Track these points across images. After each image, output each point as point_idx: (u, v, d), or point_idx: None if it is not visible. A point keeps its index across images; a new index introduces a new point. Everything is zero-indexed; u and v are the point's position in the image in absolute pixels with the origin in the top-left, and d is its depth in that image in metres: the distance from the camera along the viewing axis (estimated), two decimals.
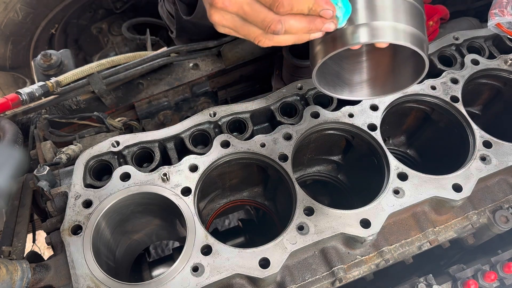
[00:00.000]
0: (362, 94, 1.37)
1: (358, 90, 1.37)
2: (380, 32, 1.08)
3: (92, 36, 3.72)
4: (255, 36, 1.10)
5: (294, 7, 1.03)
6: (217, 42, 2.20)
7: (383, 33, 1.08)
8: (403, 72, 1.31)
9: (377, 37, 1.08)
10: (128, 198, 1.44)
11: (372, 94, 1.36)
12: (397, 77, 1.32)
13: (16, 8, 3.01)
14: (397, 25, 1.08)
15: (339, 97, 1.36)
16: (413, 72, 1.25)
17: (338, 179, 2.02)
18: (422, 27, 1.13)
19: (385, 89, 1.34)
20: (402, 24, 1.08)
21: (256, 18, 1.05)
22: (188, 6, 1.99)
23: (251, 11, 1.05)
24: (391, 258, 1.48)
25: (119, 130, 2.01)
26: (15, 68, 3.37)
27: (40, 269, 1.35)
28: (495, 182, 1.63)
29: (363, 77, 1.37)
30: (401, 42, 1.08)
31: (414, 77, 1.25)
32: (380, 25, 1.08)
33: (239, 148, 1.53)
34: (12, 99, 1.86)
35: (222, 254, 1.32)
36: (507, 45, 1.85)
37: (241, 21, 1.09)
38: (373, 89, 1.36)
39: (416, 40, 1.10)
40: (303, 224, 1.38)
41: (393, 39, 1.08)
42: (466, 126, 1.62)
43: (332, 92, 1.33)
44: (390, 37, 1.08)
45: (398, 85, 1.31)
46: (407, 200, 1.44)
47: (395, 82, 1.32)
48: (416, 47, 1.09)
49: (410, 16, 1.10)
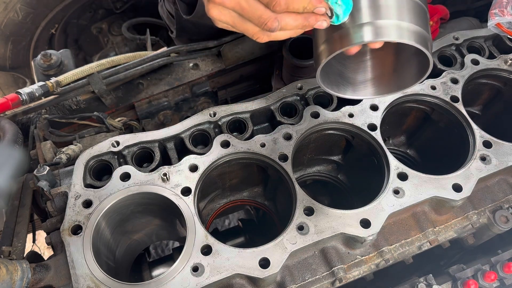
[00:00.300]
0: (366, 93, 1.36)
1: (362, 89, 1.36)
2: (384, 31, 1.07)
3: (92, 36, 3.72)
4: (253, 32, 1.12)
5: (290, 6, 1.05)
6: (217, 42, 2.20)
7: (387, 31, 1.07)
8: (407, 71, 1.30)
9: (381, 36, 1.07)
10: (128, 198, 1.44)
11: (376, 93, 1.35)
12: (401, 76, 1.32)
13: (16, 8, 3.00)
14: (401, 23, 1.07)
15: (342, 96, 1.35)
16: (417, 71, 1.25)
17: (338, 179, 2.02)
18: (426, 25, 1.12)
19: (389, 88, 1.34)
20: (406, 23, 1.07)
21: (253, 15, 1.07)
22: (188, 5, 1.99)
23: (248, 8, 1.06)
24: (391, 258, 1.48)
25: (119, 130, 2.01)
26: (15, 68, 3.37)
27: (40, 269, 1.35)
28: (495, 182, 1.63)
29: (367, 76, 1.37)
30: (405, 40, 1.07)
31: (418, 76, 1.24)
32: (384, 24, 1.07)
33: (239, 148, 1.53)
34: (12, 99, 1.86)
35: (222, 254, 1.32)
36: (507, 45, 1.85)
37: (238, 17, 1.10)
38: (377, 88, 1.35)
39: (421, 38, 1.09)
40: (303, 224, 1.38)
41: (397, 38, 1.07)
42: (466, 126, 1.62)
43: (336, 91, 1.32)
44: (394, 35, 1.07)
45: (402, 84, 1.31)
46: (407, 200, 1.44)
47: (399, 81, 1.32)
48: (420, 45, 1.08)
49: (414, 15, 1.09)
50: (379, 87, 1.35)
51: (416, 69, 1.25)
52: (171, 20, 2.18)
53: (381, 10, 1.08)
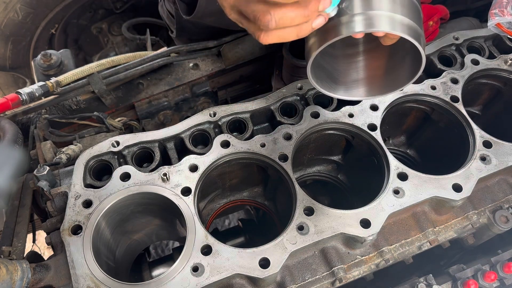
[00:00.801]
0: (358, 94, 1.34)
1: (354, 90, 1.34)
2: (376, 21, 1.04)
3: (92, 36, 3.72)
4: (253, 31, 1.05)
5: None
6: (217, 42, 2.20)
7: (379, 22, 1.04)
8: (399, 70, 1.29)
9: (373, 26, 1.04)
10: (128, 198, 1.44)
11: (369, 94, 1.33)
12: (394, 76, 1.30)
13: (16, 8, 3.01)
14: (394, 15, 1.04)
15: (333, 96, 1.33)
16: (410, 70, 1.23)
17: (338, 179, 2.02)
18: (419, 21, 1.10)
19: (382, 89, 1.32)
20: (399, 15, 1.04)
21: (248, 10, 1.01)
22: (188, 5, 1.99)
23: (245, 3, 1.01)
24: (391, 258, 1.48)
25: (119, 130, 2.01)
26: (15, 68, 3.38)
27: (40, 269, 1.35)
28: (495, 182, 1.63)
29: (359, 76, 1.35)
30: (397, 32, 1.04)
31: (411, 75, 1.22)
32: (377, 14, 1.04)
33: (239, 148, 1.53)
34: (12, 99, 1.86)
35: (222, 254, 1.32)
36: (507, 45, 1.85)
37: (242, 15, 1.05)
38: (369, 88, 1.34)
39: (413, 32, 1.06)
40: (303, 224, 1.38)
41: (390, 29, 1.04)
42: (466, 126, 1.62)
43: (327, 91, 1.30)
44: (386, 26, 1.04)
45: (395, 84, 1.29)
46: (407, 200, 1.44)
47: (392, 81, 1.30)
48: (413, 39, 1.05)
49: (407, 9, 1.07)
50: (371, 87, 1.33)
51: (409, 69, 1.23)
52: (171, 20, 2.18)
53: (373, 2, 1.05)
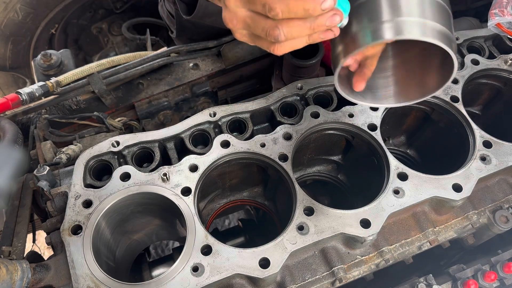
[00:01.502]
0: (387, 101, 1.29)
1: (382, 97, 1.29)
2: (406, 28, 0.98)
3: (92, 36, 3.72)
4: (266, 46, 1.09)
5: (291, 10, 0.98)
6: (217, 42, 2.20)
7: (409, 29, 0.98)
8: (428, 76, 1.23)
9: (403, 33, 0.98)
10: (128, 198, 1.44)
11: (397, 101, 1.28)
12: (423, 83, 1.24)
13: (16, 8, 3.00)
14: (424, 21, 0.99)
15: (362, 104, 1.29)
16: (440, 76, 1.17)
17: (338, 179, 2.02)
18: (450, 26, 1.04)
19: (411, 96, 1.26)
20: (430, 21, 0.99)
21: (258, 29, 1.05)
22: (188, 5, 1.99)
23: (253, 23, 1.05)
24: (391, 258, 1.48)
25: (119, 130, 2.01)
26: (15, 68, 3.37)
27: (40, 269, 1.35)
28: (495, 182, 1.63)
29: (387, 82, 1.30)
30: (429, 39, 0.98)
31: (442, 81, 1.15)
32: (406, 21, 0.98)
33: (239, 148, 1.53)
34: (12, 99, 1.86)
35: (222, 254, 1.32)
36: (507, 45, 1.85)
37: (251, 34, 1.10)
38: (398, 95, 1.28)
39: (445, 38, 1.00)
40: (303, 224, 1.38)
41: (420, 36, 0.98)
42: (466, 126, 1.62)
43: (352, 98, 1.25)
44: (417, 33, 0.98)
45: (424, 90, 1.23)
46: (407, 200, 1.44)
47: (421, 88, 1.24)
48: (445, 45, 1.00)
49: (437, 14, 1.01)
50: (400, 94, 1.28)
51: (439, 75, 1.18)
52: (171, 20, 2.18)
53: (402, 8, 0.99)
